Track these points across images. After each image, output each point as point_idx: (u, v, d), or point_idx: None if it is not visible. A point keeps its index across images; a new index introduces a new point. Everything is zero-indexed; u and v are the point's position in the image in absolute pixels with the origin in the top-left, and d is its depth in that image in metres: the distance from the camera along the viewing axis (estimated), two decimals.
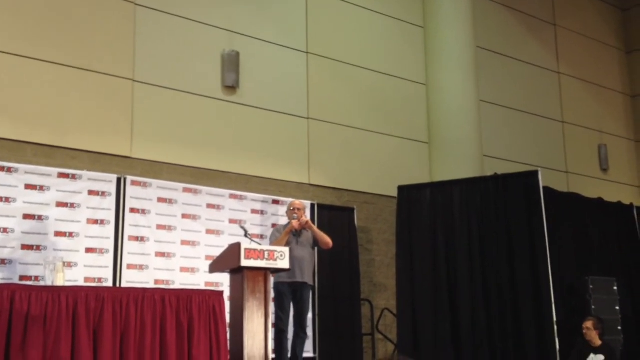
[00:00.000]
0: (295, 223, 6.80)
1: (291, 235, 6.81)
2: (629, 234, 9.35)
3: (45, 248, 6.46)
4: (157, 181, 7.35)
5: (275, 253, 5.69)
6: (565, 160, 12.07)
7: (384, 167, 9.67)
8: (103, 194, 6.90)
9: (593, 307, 7.89)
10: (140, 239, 7.05)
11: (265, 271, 5.65)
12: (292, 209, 6.98)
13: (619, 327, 8.13)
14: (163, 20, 8.08)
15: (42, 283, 5.80)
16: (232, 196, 7.79)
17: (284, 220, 7.98)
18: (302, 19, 9.36)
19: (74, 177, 6.78)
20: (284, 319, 6.67)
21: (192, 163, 7.99)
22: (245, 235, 6.26)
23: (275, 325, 6.59)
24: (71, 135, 7.24)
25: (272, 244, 6.77)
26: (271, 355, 5.55)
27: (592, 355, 7.15)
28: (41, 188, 6.58)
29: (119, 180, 7.02)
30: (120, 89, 7.64)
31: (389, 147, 9.82)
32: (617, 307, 8.21)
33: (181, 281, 7.18)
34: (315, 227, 7.03)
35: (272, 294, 6.14)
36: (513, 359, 7.46)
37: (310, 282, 6.89)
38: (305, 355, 7.04)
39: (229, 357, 5.60)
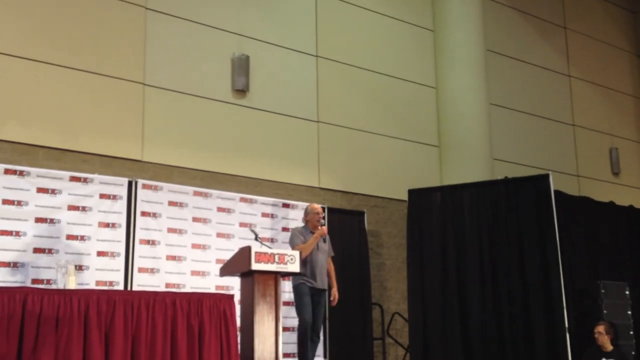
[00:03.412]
0: (325, 229, 6.87)
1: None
2: None
3: (57, 251, 6.47)
4: (167, 184, 7.36)
5: (286, 257, 5.69)
6: (576, 164, 12.03)
7: (393, 171, 9.66)
8: (114, 197, 6.91)
9: (605, 311, 7.83)
10: (151, 243, 7.06)
11: (276, 275, 5.65)
12: (316, 212, 7.02)
13: (631, 332, 8.07)
14: (173, 24, 8.11)
15: (54, 286, 5.81)
16: (242, 200, 7.80)
17: (294, 224, 7.99)
18: (312, 22, 9.37)
19: (85, 180, 6.80)
20: (310, 311, 6.67)
21: (202, 166, 8.01)
22: (256, 239, 6.27)
23: (302, 322, 6.64)
24: (82, 138, 7.28)
25: (296, 247, 6.75)
26: (282, 359, 5.55)
27: None
28: (53, 191, 6.60)
29: (130, 183, 7.03)
30: (131, 92, 7.67)
31: (398, 150, 9.81)
32: (629, 312, 8.15)
33: (192, 284, 7.18)
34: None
35: (282, 298, 6.14)
36: None
37: (326, 288, 6.96)
38: (316, 359, 7.04)
39: None
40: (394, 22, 10.24)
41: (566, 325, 7.20)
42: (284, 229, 8.03)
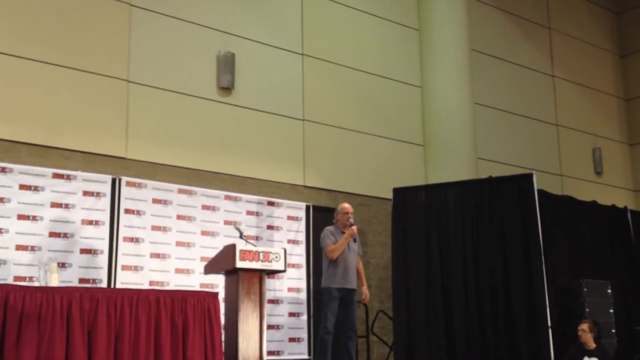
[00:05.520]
0: (355, 229, 6.97)
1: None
2: (623, 237, 9.38)
3: (39, 249, 6.44)
4: (152, 182, 7.34)
5: (271, 254, 5.69)
6: (559, 163, 12.10)
7: (378, 169, 9.67)
8: (98, 194, 6.89)
9: (587, 310, 7.90)
10: (135, 240, 7.03)
11: (260, 272, 5.66)
12: (345, 212, 7.14)
13: (613, 330, 8.15)
14: (158, 21, 8.06)
15: (36, 284, 5.78)
16: (227, 197, 7.79)
17: (279, 222, 8.02)
18: (298, 20, 9.36)
19: (68, 177, 6.77)
20: (332, 320, 6.80)
21: (187, 164, 7.97)
22: (241, 237, 6.27)
23: (322, 327, 6.79)
24: (66, 135, 7.22)
25: (327, 247, 6.91)
26: (266, 357, 5.55)
27: (585, 358, 7.17)
28: (36, 188, 6.56)
29: (113, 181, 7.01)
30: (115, 89, 7.62)
31: (384, 149, 9.83)
32: (611, 311, 8.23)
33: (176, 282, 7.17)
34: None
35: (267, 295, 6.14)
36: None
37: (356, 287, 7.06)
38: (299, 357, 7.07)
39: (223, 358, 5.60)
40: (379, 20, 10.25)
41: (549, 323, 7.25)
42: (269, 227, 8.05)
